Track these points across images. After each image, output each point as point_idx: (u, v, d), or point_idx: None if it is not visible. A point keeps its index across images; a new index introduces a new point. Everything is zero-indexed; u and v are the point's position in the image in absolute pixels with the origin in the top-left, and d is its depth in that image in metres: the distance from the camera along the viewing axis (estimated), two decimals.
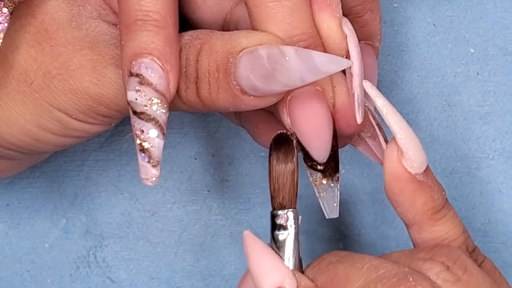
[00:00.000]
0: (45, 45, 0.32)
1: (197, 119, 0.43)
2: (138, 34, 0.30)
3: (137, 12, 0.30)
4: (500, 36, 0.43)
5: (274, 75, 0.29)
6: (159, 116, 0.30)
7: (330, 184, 0.33)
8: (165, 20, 0.30)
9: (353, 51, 0.32)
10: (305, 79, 0.30)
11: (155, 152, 0.30)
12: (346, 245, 0.42)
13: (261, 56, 0.30)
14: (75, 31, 0.32)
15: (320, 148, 0.32)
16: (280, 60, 0.29)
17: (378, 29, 0.37)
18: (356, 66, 0.32)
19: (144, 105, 0.30)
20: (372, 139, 0.34)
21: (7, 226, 0.43)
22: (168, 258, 0.43)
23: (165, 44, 0.30)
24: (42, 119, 0.32)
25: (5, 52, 0.32)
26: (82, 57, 0.31)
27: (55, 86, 0.32)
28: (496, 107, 0.42)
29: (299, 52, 0.29)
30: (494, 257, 0.42)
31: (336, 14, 0.32)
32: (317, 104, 0.31)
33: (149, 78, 0.29)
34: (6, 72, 0.32)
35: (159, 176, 0.30)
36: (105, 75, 0.31)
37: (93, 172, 0.43)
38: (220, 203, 0.43)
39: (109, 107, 0.32)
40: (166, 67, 0.30)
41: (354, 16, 0.35)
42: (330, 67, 0.30)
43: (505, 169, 0.42)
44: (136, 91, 0.30)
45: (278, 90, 0.30)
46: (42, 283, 0.43)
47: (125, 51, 0.30)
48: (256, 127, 0.36)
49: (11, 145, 0.33)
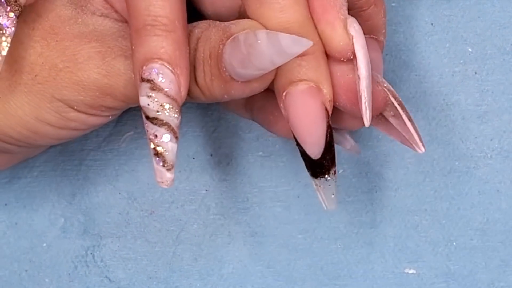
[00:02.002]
0: (51, 41, 0.32)
1: (195, 119, 0.43)
2: (147, 39, 0.30)
3: (146, 17, 0.30)
4: (498, 35, 0.43)
5: (249, 59, 0.30)
6: (172, 121, 0.30)
7: (327, 177, 0.33)
8: (173, 24, 0.30)
9: (359, 52, 0.32)
10: (275, 62, 0.30)
11: (169, 156, 0.30)
12: (344, 244, 0.42)
13: (239, 40, 0.30)
14: (82, 27, 0.32)
15: (313, 144, 0.32)
16: (253, 43, 0.30)
17: (383, 22, 0.37)
18: (362, 69, 0.32)
19: (156, 111, 0.30)
20: (396, 118, 0.34)
21: (5, 225, 0.43)
22: (166, 257, 0.43)
23: (175, 48, 0.30)
24: (41, 110, 0.32)
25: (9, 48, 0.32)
26: (90, 49, 0.32)
27: (61, 78, 0.32)
28: (494, 106, 0.42)
29: (269, 35, 0.29)
30: (493, 256, 0.42)
31: (340, 15, 0.32)
32: (309, 102, 0.32)
33: (160, 84, 0.30)
34: (9, 66, 0.32)
35: (173, 179, 0.31)
36: (114, 66, 0.32)
37: (91, 172, 0.43)
38: (219, 202, 0.43)
39: (116, 97, 0.32)
40: (176, 71, 0.30)
41: (358, 10, 0.35)
42: (294, 48, 0.29)
43: (503, 168, 0.42)
44: (148, 96, 0.30)
45: (255, 74, 0.31)
46: (40, 282, 0.43)
47: (136, 56, 0.30)
48: (271, 114, 0.36)
49: (9, 138, 0.33)
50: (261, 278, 0.43)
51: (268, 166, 0.43)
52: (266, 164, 0.43)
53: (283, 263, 0.43)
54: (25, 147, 0.35)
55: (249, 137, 0.37)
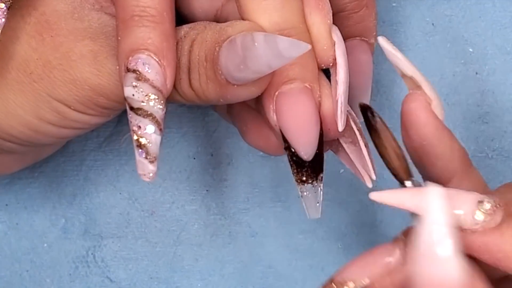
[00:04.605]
0: (46, 36, 0.32)
1: (195, 119, 0.43)
2: (135, 30, 0.30)
3: (134, 8, 0.30)
4: (499, 36, 0.43)
5: (246, 62, 0.29)
6: (156, 112, 0.30)
7: (313, 183, 0.33)
8: (161, 15, 0.30)
9: (340, 58, 0.32)
10: (272, 65, 0.29)
11: (152, 148, 0.30)
12: (345, 245, 0.42)
13: (236, 43, 0.30)
14: (77, 22, 0.32)
15: (307, 145, 0.32)
16: (250, 46, 0.29)
17: (374, 25, 0.37)
18: (341, 74, 0.32)
19: (141, 101, 0.30)
20: (353, 145, 0.34)
21: (6, 226, 0.43)
22: (167, 257, 0.43)
23: (162, 40, 0.30)
24: (41, 109, 0.32)
25: (5, 43, 0.32)
26: (83, 47, 0.32)
27: (55, 76, 0.32)
28: (495, 106, 0.42)
29: (267, 37, 0.29)
30: None
31: (327, 20, 0.32)
32: (306, 101, 0.31)
33: (146, 74, 0.30)
34: (6, 63, 0.32)
35: (156, 172, 0.30)
36: (105, 66, 0.31)
37: (92, 172, 0.43)
38: (219, 202, 0.43)
39: (109, 98, 0.32)
40: (163, 63, 0.30)
41: (349, 12, 0.35)
42: (292, 52, 0.29)
43: (504, 169, 0.42)
44: (133, 87, 0.30)
45: (251, 78, 0.30)
46: (41, 283, 0.43)
47: (122, 47, 0.30)
48: (245, 125, 0.35)
49: (11, 137, 0.33)
50: (262, 278, 0.43)
51: (269, 166, 0.43)
52: (266, 164, 0.43)
53: (283, 263, 0.43)
54: (29, 146, 0.34)
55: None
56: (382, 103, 0.43)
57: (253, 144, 0.35)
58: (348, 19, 0.33)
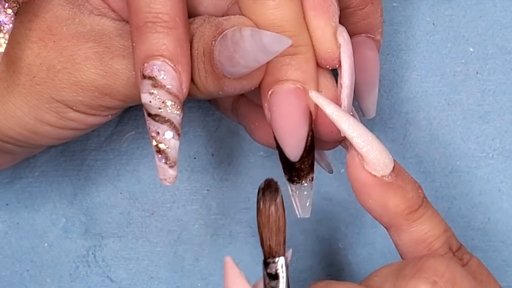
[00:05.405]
0: (48, 41, 0.32)
1: (196, 119, 0.43)
2: (148, 36, 0.30)
3: (147, 14, 0.30)
4: (500, 35, 0.43)
5: (235, 56, 0.30)
6: (174, 118, 0.30)
7: (304, 183, 0.33)
8: (174, 21, 0.30)
9: (345, 61, 0.32)
10: (259, 60, 0.30)
11: (172, 153, 0.30)
12: (346, 245, 0.42)
13: (227, 38, 0.30)
14: (79, 27, 0.32)
15: (292, 146, 0.32)
16: (239, 41, 0.29)
17: (380, 22, 0.37)
18: (346, 78, 0.32)
19: (158, 108, 0.30)
20: None
21: (6, 225, 0.43)
22: (167, 257, 0.43)
23: (176, 45, 0.30)
24: (40, 110, 0.32)
25: (7, 48, 0.32)
26: (87, 49, 0.32)
27: (59, 79, 0.32)
28: (496, 106, 0.42)
29: (253, 32, 0.29)
30: (494, 256, 0.42)
31: (331, 22, 0.32)
32: (294, 102, 0.31)
33: (162, 81, 0.30)
34: (7, 67, 0.32)
35: (176, 176, 0.31)
36: (112, 67, 0.32)
37: (93, 172, 0.43)
38: (220, 202, 0.43)
39: (115, 97, 0.32)
40: (178, 68, 0.30)
41: (355, 9, 0.35)
42: (275, 47, 0.29)
43: (504, 168, 0.42)
44: (149, 93, 0.30)
45: (242, 72, 0.30)
46: (42, 282, 0.43)
47: (137, 54, 0.30)
48: (253, 124, 0.36)
49: (9, 139, 0.33)
50: None
51: (269, 166, 0.43)
52: (267, 164, 0.43)
53: None
54: (26, 147, 0.35)
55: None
56: (382, 103, 0.43)
57: (261, 141, 0.36)
58: (353, 16, 0.33)
